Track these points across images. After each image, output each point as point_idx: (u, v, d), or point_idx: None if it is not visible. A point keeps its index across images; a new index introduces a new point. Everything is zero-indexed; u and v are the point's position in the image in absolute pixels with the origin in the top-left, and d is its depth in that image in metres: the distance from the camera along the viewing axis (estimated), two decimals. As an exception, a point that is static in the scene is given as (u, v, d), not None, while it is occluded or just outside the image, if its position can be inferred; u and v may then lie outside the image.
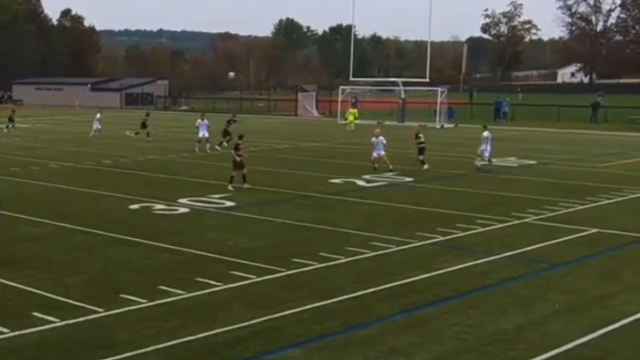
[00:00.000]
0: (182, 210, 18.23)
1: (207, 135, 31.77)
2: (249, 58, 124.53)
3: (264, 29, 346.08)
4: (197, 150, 31.52)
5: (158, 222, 16.80)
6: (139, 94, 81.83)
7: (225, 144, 31.94)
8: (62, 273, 12.44)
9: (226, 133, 32.14)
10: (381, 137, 26.24)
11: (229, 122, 33.58)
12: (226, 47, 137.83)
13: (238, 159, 21.31)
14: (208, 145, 31.72)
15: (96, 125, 39.05)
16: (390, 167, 25.58)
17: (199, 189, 21.26)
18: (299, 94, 65.73)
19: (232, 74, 77.19)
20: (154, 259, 13.45)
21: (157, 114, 63.29)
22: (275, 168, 26.37)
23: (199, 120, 32.32)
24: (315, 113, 63.74)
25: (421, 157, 26.64)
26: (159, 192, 20.56)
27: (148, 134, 37.42)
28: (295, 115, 62.98)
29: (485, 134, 26.77)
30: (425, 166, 26.20)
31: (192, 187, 21.92)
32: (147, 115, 39.91)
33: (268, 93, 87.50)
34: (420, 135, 27.14)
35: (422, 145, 26.86)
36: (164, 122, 47.00)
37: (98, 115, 39.52)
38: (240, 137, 22.30)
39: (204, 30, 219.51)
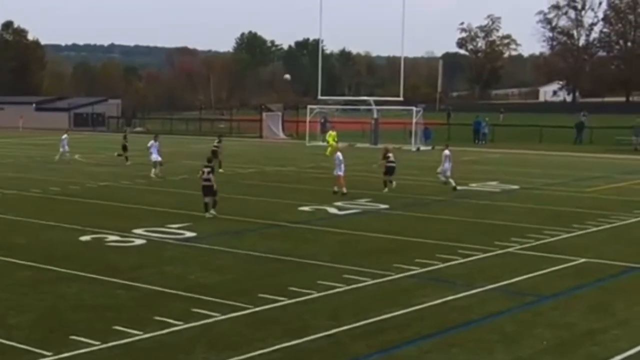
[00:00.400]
0: (138, 241, 18.08)
1: (159, 158, 32.18)
2: (208, 75, 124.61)
3: (225, 44, 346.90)
4: (152, 175, 31.43)
5: (112, 255, 16.63)
6: (89, 114, 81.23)
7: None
8: (5, 313, 12.23)
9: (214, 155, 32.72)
10: (339, 153, 26.79)
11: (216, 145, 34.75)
12: (184, 62, 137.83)
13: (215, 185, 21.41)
14: (160, 168, 32.13)
15: (66, 148, 38.73)
16: (335, 189, 26.03)
17: (156, 218, 21.13)
18: (264, 114, 65.81)
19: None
20: (107, 297, 13.29)
21: (109, 136, 63.07)
22: (240, 195, 26.31)
23: (152, 142, 32.67)
24: (282, 134, 63.87)
25: (390, 178, 27.02)
26: (112, 222, 20.37)
27: (119, 154, 37.67)
28: (260, 137, 63.04)
29: (447, 152, 27.78)
30: (393, 184, 26.89)
31: (149, 216, 21.78)
32: (125, 137, 39.93)
33: (230, 113, 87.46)
34: (390, 154, 27.53)
35: (392, 164, 27.22)
36: (117, 145, 46.49)
37: (64, 136, 39.29)
38: (210, 160, 22.53)
39: (160, 44, 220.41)
